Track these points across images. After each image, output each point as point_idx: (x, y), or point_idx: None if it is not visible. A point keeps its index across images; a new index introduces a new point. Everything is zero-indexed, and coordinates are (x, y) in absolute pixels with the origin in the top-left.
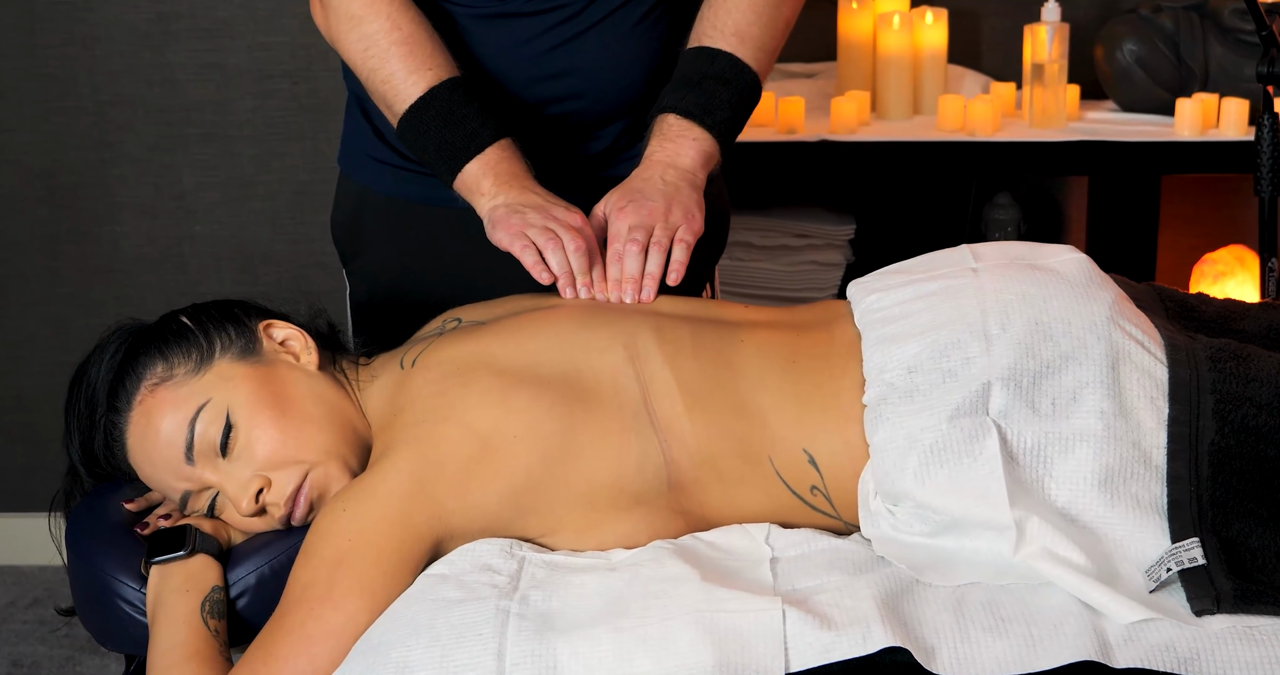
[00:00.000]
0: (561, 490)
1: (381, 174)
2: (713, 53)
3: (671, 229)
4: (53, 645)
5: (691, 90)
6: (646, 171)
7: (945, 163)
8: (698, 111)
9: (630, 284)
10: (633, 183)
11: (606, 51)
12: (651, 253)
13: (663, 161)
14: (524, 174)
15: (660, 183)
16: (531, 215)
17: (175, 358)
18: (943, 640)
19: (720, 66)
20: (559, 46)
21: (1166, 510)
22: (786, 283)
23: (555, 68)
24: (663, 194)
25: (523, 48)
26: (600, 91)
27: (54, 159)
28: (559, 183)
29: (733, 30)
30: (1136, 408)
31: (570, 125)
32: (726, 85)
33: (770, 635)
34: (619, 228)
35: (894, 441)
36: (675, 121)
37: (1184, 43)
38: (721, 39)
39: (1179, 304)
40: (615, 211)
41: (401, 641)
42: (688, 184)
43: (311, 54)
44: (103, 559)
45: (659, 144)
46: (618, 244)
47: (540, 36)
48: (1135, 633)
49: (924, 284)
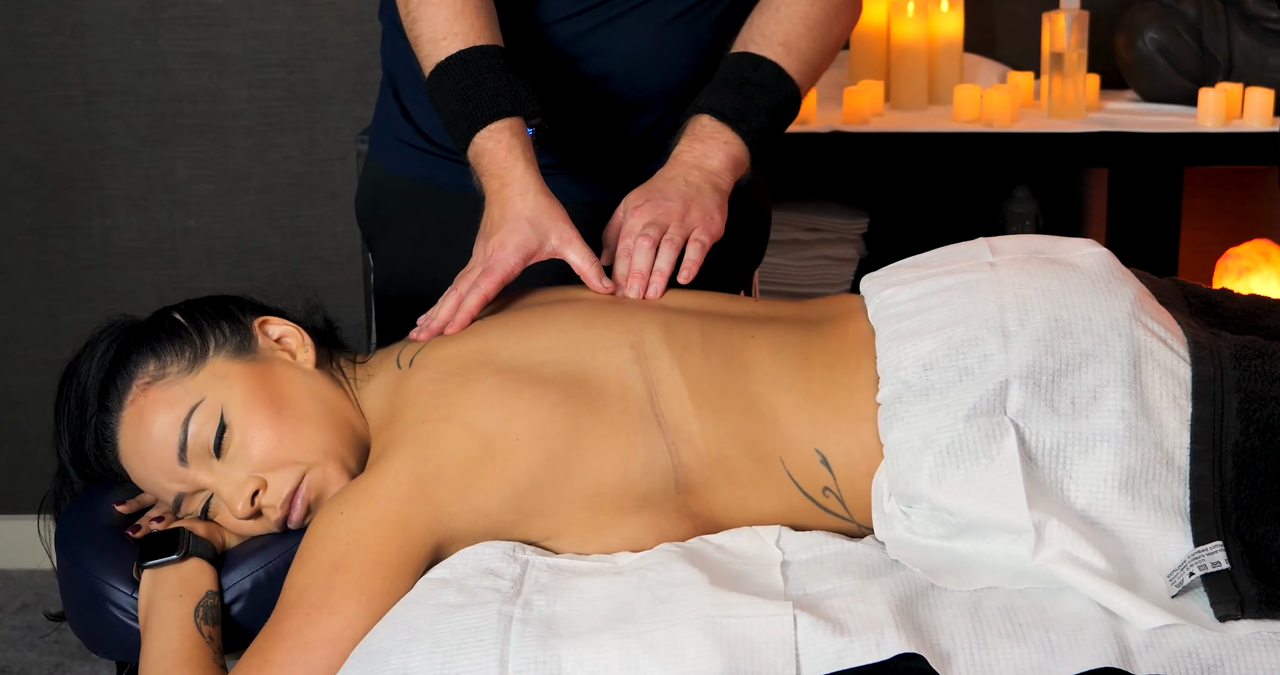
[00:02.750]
0: (566, 493)
1: (406, 156)
2: (757, 59)
3: (687, 229)
4: (42, 651)
5: (730, 93)
6: (670, 171)
7: (961, 154)
8: (733, 115)
9: (637, 279)
10: (654, 182)
11: (639, 39)
12: (663, 249)
13: (689, 162)
14: (507, 171)
15: (682, 183)
16: (476, 253)
17: (168, 356)
18: (959, 646)
19: (763, 74)
20: (594, 29)
21: (1189, 513)
22: (798, 278)
23: (589, 48)
24: (682, 195)
25: (562, 24)
26: (632, 78)
27: (42, 150)
28: (596, 166)
29: (781, 39)
30: (1159, 407)
31: (605, 107)
32: (766, 93)
33: (781, 641)
34: (633, 224)
35: (909, 441)
36: (708, 123)
37: (1207, 30)
38: (768, 47)
39: (1202, 300)
40: (632, 209)
41: (401, 648)
42: (711, 186)
43: (308, 42)
44: (93, 563)
45: (688, 144)
46: (628, 239)
47: (576, 17)
48: (1157, 638)
49: (940, 278)
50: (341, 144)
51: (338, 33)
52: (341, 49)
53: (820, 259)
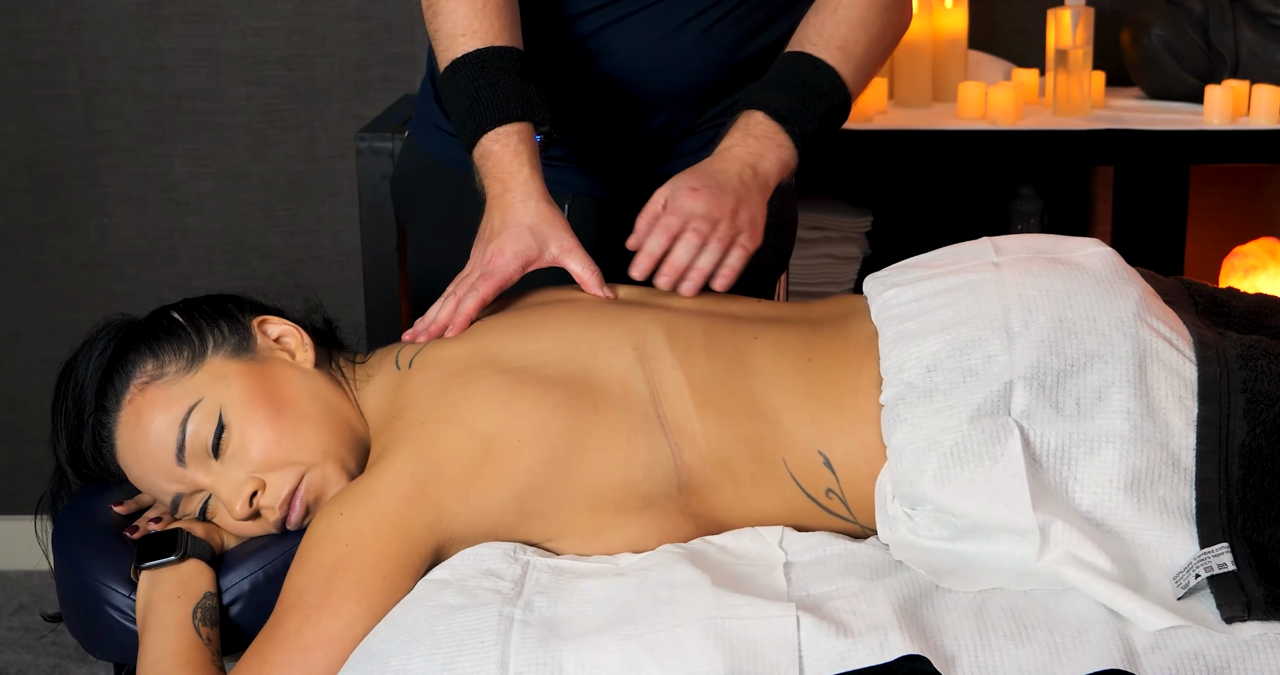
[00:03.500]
0: (567, 494)
1: (440, 140)
2: (815, 62)
3: (736, 229)
4: (39, 653)
5: (785, 94)
6: (723, 163)
7: (965, 152)
8: (788, 116)
9: (672, 272)
10: (708, 168)
11: (654, 38)
12: (710, 247)
13: (743, 158)
14: (511, 176)
15: (738, 180)
16: (475, 257)
17: (166, 355)
18: (963, 648)
19: (821, 78)
20: (601, 29)
21: (1195, 514)
22: (801, 277)
23: (606, 44)
24: (736, 192)
25: (570, 25)
26: (646, 78)
27: (40, 148)
28: (606, 163)
29: (839, 43)
30: (1164, 408)
31: (619, 106)
32: (822, 97)
33: (783, 643)
34: (685, 206)
35: (912, 443)
36: (764, 121)
37: (1214, 27)
38: (826, 50)
39: (1208, 299)
40: (686, 190)
41: (401, 649)
42: (759, 191)
43: (307, 39)
44: (91, 564)
45: (742, 139)
46: (673, 219)
47: (585, 16)
48: (1163, 640)
49: (943, 278)
50: (341, 141)
51: (337, 29)
52: (341, 46)
53: (823, 258)
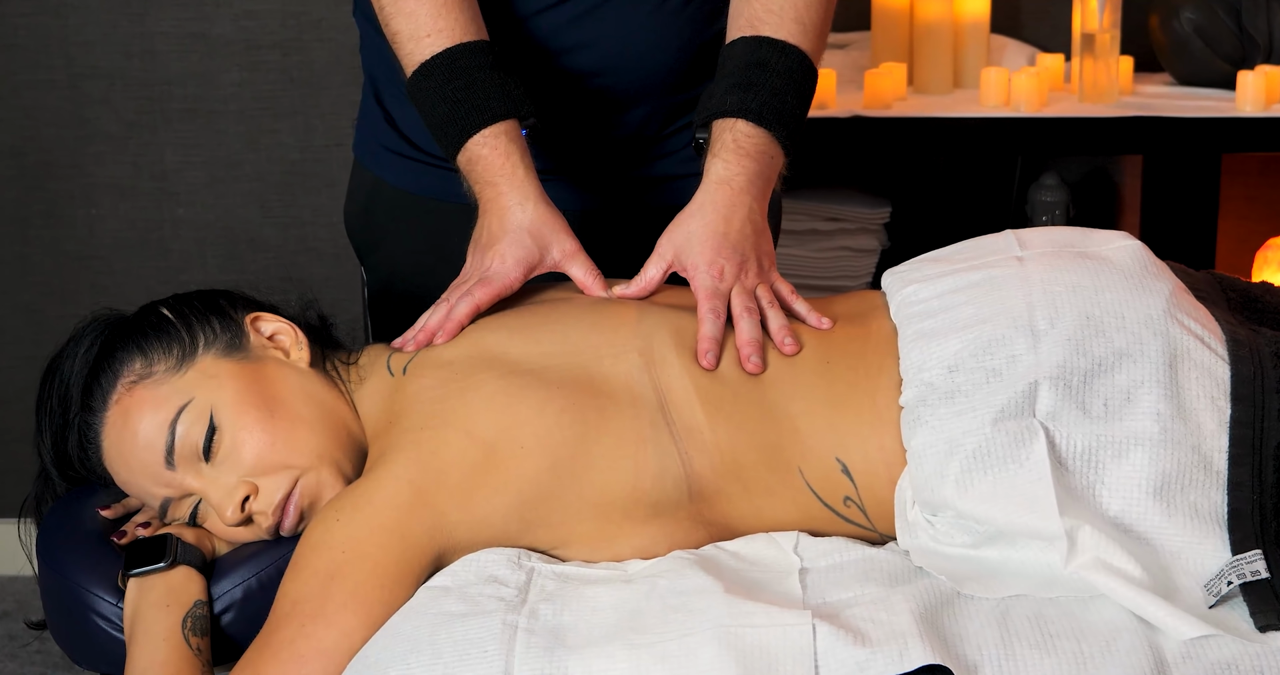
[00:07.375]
0: (573, 502)
1: (394, 164)
2: (780, 45)
3: (765, 279)
4: (23, 661)
5: (759, 91)
6: (729, 207)
7: (988, 141)
8: (774, 119)
9: (752, 348)
10: (718, 226)
11: (626, 30)
12: (770, 314)
13: (744, 188)
14: (504, 179)
15: (750, 228)
16: (472, 264)
17: (155, 353)
18: (986, 657)
19: (791, 61)
20: (575, 20)
21: (1227, 520)
22: (817, 270)
23: (573, 41)
24: (755, 246)
25: (542, 17)
26: (619, 71)
27: (24, 136)
28: (587, 171)
29: (793, 16)
30: (1196, 409)
31: (593, 105)
32: (794, 85)
33: (799, 652)
34: (718, 288)
35: (933, 446)
36: (751, 133)
37: (1246, 11)
38: (783, 27)
39: (1241, 294)
40: (706, 266)
41: (400, 659)
42: (763, 217)
43: (302, 23)
44: (76, 570)
45: (738, 162)
46: (717, 303)
47: (555, 8)
48: (1194, 650)
49: (965, 274)
50: (338, 130)
51: (334, 13)
52: (337, 30)
53: (840, 250)
